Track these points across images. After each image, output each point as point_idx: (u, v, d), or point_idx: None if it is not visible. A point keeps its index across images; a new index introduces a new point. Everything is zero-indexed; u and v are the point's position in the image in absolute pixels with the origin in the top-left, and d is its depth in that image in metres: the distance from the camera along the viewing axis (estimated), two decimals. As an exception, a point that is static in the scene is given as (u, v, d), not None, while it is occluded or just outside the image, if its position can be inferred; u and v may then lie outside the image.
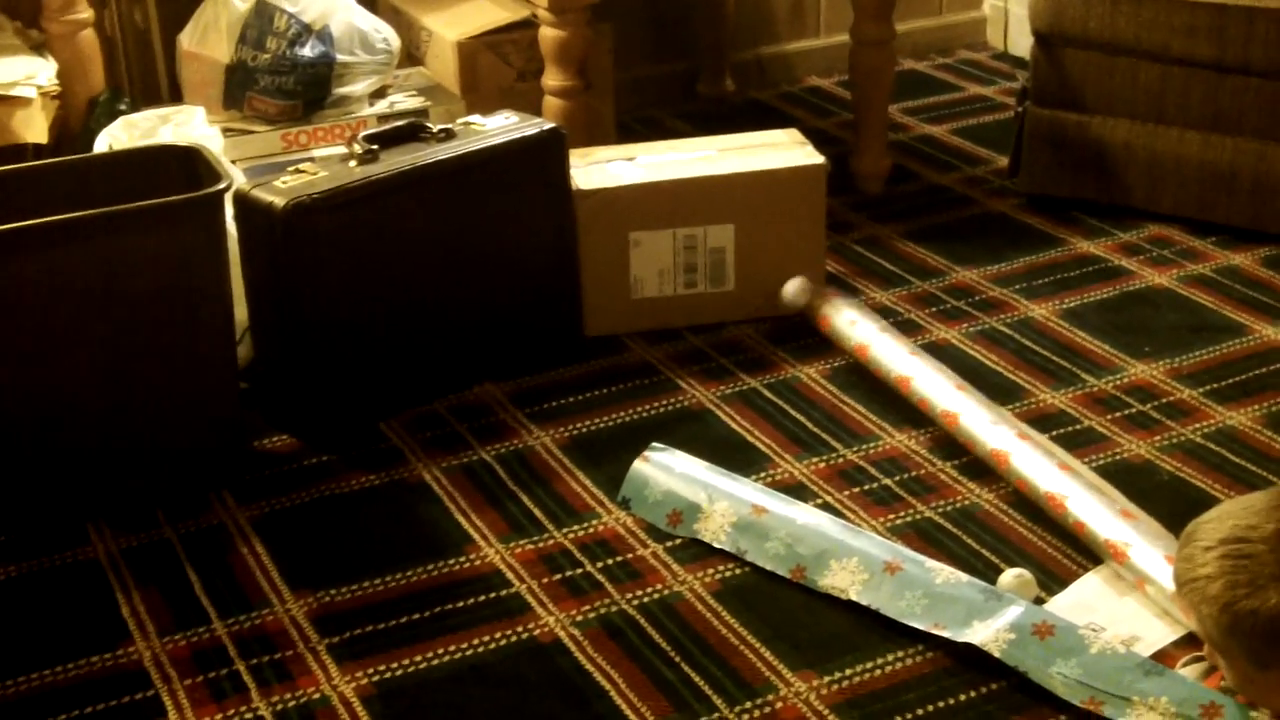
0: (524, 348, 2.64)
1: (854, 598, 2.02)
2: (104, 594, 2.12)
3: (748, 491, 2.20)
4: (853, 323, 2.59)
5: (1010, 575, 2.02)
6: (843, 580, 2.04)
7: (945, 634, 1.93)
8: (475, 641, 2.00)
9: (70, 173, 2.39)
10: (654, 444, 2.32)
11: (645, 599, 2.07)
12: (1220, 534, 1.67)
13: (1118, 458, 2.33)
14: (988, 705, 1.86)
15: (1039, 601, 2.00)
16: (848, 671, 1.92)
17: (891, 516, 2.21)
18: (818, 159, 2.73)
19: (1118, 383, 2.53)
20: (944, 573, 2.00)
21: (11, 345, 2.15)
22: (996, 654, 1.88)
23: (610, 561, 2.15)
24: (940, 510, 2.22)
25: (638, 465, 2.27)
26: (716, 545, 2.14)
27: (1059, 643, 1.87)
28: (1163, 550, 1.97)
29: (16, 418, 2.20)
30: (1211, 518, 1.72)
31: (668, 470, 2.25)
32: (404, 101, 3.03)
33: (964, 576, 2.00)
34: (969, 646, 1.91)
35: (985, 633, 1.91)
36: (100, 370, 2.20)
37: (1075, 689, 1.83)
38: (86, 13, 2.95)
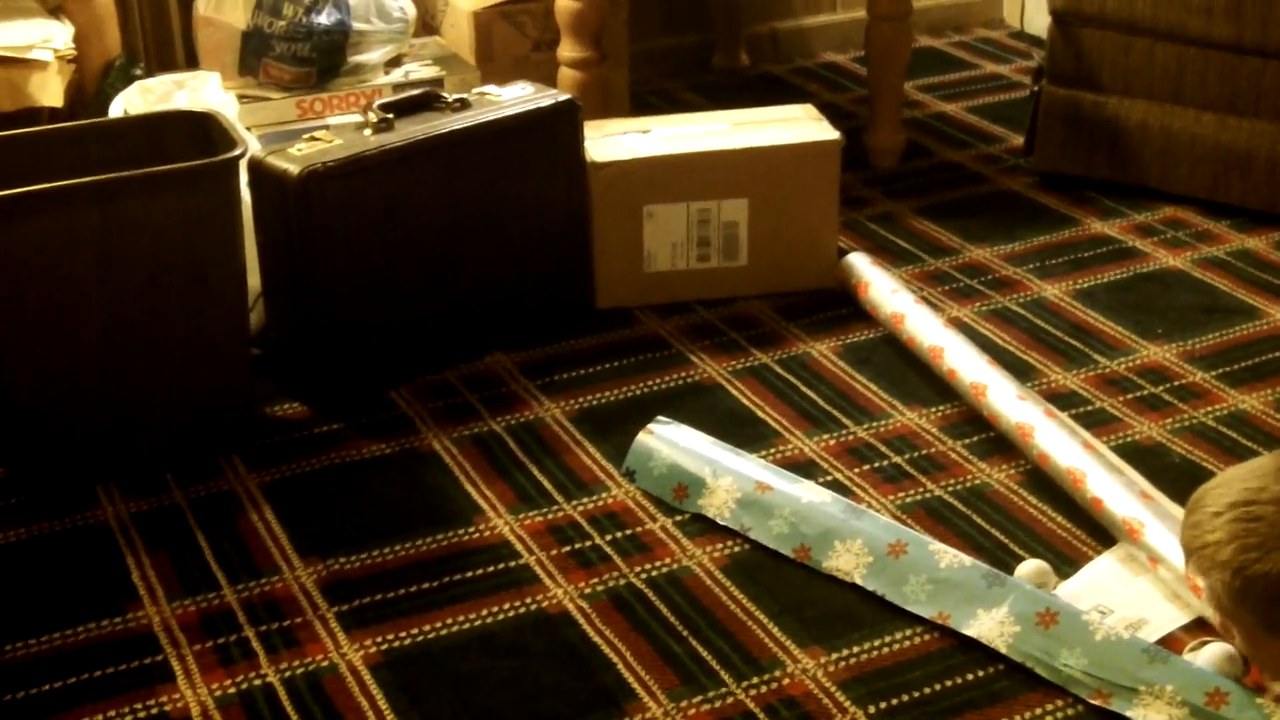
0: (535, 319, 2.64)
1: (859, 581, 2.02)
2: (113, 558, 2.12)
3: (751, 468, 2.20)
4: (893, 291, 2.60)
5: (1029, 567, 2.01)
6: (847, 563, 2.04)
7: (950, 625, 1.94)
8: (483, 612, 2.00)
9: (85, 137, 2.38)
10: (659, 417, 2.32)
11: (653, 573, 2.07)
12: (1228, 499, 1.66)
13: (1129, 439, 2.33)
14: (995, 684, 1.86)
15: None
16: (855, 649, 1.92)
17: (901, 494, 2.21)
18: (832, 134, 2.72)
19: (1130, 364, 2.53)
20: (948, 556, 2.00)
21: (24, 308, 2.15)
22: (1003, 649, 1.88)
23: (619, 534, 2.15)
24: (950, 489, 2.22)
25: (642, 438, 2.27)
26: (721, 521, 2.15)
27: (1062, 631, 1.87)
28: (1178, 532, 1.97)
29: (28, 380, 2.20)
30: (1218, 484, 1.71)
31: (672, 444, 2.25)
32: (419, 71, 3.02)
33: (968, 560, 1.99)
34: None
35: (990, 624, 1.91)
36: (112, 334, 2.20)
37: (1082, 683, 1.83)
38: (103, -23, 2.95)
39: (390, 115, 2.46)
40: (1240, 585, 1.64)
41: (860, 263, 2.71)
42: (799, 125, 2.75)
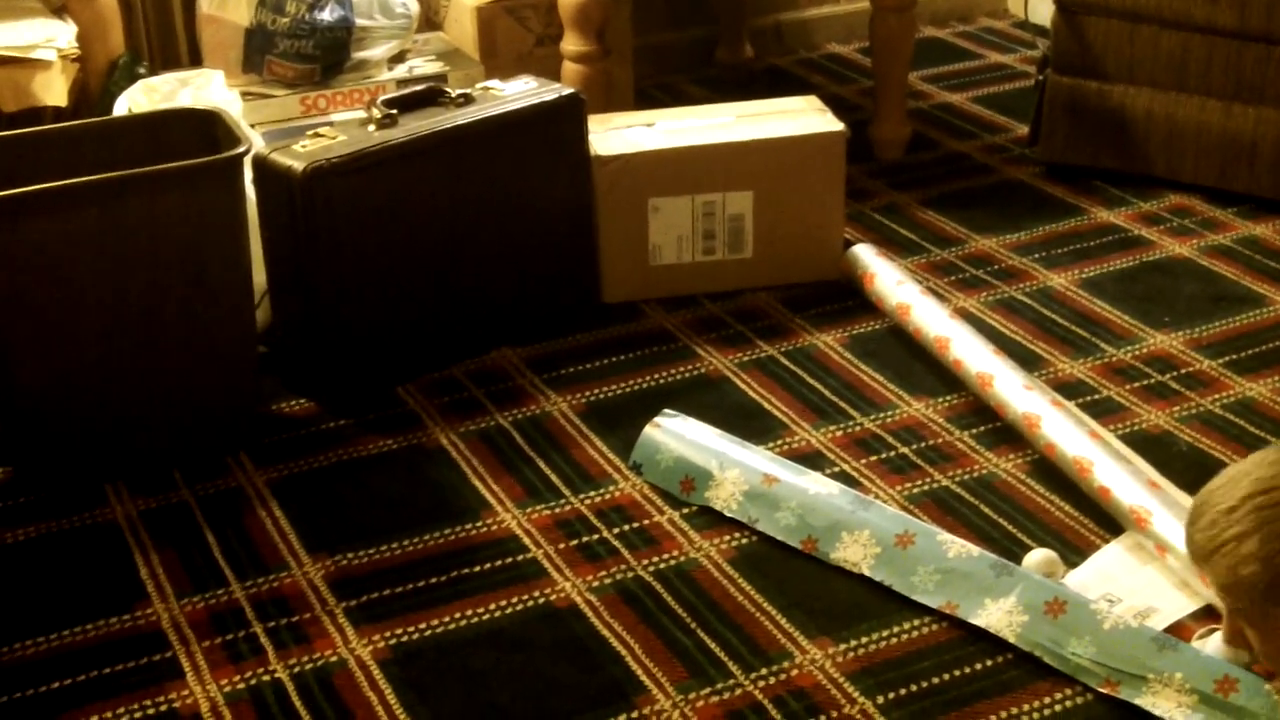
0: (542, 313, 2.64)
1: (866, 572, 2.02)
2: (122, 556, 2.12)
3: (758, 460, 2.20)
4: (899, 282, 2.60)
5: (1037, 556, 2.01)
6: (855, 554, 2.04)
7: (958, 615, 1.93)
8: (491, 606, 2.00)
9: (89, 136, 2.38)
10: (665, 410, 2.32)
11: (661, 565, 2.07)
12: (1242, 492, 1.64)
13: (1136, 428, 2.33)
14: (1004, 674, 1.86)
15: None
16: (863, 640, 1.92)
17: (909, 485, 2.21)
18: (837, 126, 2.72)
19: (1137, 353, 2.53)
20: (955, 546, 2.00)
21: (32, 307, 2.15)
22: (1011, 639, 1.88)
23: (626, 528, 2.15)
24: (958, 479, 2.22)
25: (649, 431, 2.27)
26: (728, 514, 2.15)
27: (1071, 620, 1.87)
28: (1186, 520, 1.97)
29: (36, 379, 2.20)
30: (1222, 483, 1.68)
31: (679, 437, 2.25)
32: (423, 66, 3.02)
33: (975, 550, 1.99)
34: (984, 622, 1.92)
35: (998, 614, 1.91)
36: (119, 333, 2.21)
37: (1091, 671, 1.83)
38: (106, -24, 2.96)
39: (394, 111, 2.46)
40: (1271, 576, 1.60)
41: (866, 254, 2.71)
42: (803, 117, 2.75)
